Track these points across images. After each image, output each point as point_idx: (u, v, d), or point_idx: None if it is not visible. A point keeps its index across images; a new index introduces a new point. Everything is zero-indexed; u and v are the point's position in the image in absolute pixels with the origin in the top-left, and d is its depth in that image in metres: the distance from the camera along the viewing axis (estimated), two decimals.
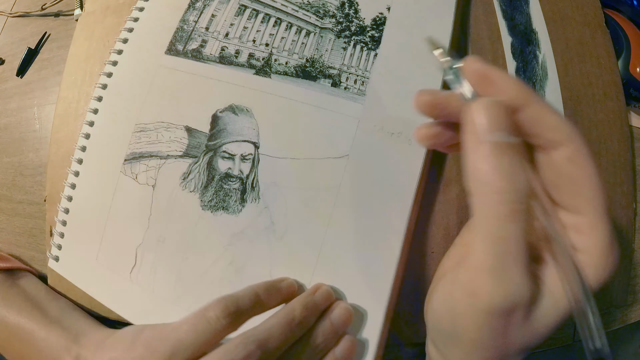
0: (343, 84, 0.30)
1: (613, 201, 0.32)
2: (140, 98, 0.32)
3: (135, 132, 0.32)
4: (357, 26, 0.31)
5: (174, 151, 0.31)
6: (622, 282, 0.31)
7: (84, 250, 0.32)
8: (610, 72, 0.34)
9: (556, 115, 0.18)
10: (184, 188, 0.31)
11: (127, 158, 0.32)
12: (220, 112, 0.31)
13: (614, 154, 0.32)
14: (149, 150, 0.31)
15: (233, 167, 0.30)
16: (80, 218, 0.33)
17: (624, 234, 0.32)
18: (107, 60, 0.33)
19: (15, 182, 0.36)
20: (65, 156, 0.34)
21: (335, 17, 0.31)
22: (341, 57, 0.31)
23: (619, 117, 0.33)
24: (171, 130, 0.31)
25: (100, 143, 0.33)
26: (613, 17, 0.36)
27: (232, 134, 0.30)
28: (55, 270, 0.33)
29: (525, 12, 0.34)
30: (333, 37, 0.31)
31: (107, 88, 0.33)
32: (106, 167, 0.32)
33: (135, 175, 0.31)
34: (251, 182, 0.30)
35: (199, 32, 0.32)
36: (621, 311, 0.32)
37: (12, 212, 0.36)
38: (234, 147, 0.30)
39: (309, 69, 0.31)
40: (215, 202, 0.30)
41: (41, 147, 0.36)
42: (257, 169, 0.30)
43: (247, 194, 0.30)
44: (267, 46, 0.31)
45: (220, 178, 0.30)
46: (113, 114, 0.33)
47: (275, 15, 0.32)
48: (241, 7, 0.32)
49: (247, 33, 0.32)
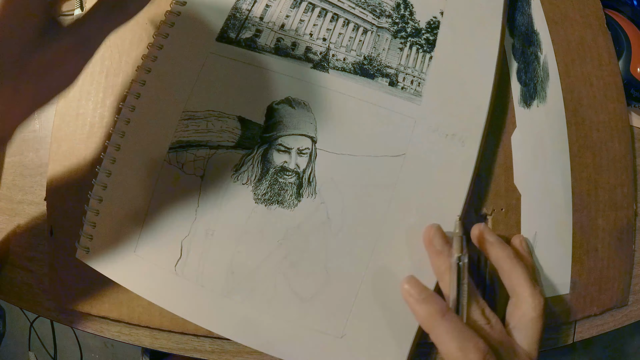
0: (400, 84, 0.31)
1: (614, 202, 0.33)
2: (188, 84, 0.31)
3: (183, 120, 0.30)
4: (413, 28, 0.32)
5: (225, 141, 0.30)
6: (623, 283, 0.33)
7: (119, 241, 0.31)
8: (612, 74, 0.34)
9: (521, 279, 0.28)
10: (235, 180, 0.30)
11: (172, 146, 0.30)
12: (276, 104, 0.30)
13: (615, 155, 0.33)
14: (198, 139, 0.30)
15: (289, 160, 0.30)
16: (116, 208, 0.31)
17: (625, 235, 0.33)
18: (153, 44, 0.32)
19: (15, 182, 0.35)
20: (67, 155, 0.33)
21: (391, 17, 0.32)
22: (398, 57, 0.31)
23: (620, 119, 0.34)
24: (223, 119, 0.30)
25: (142, 129, 0.31)
26: (613, 18, 0.36)
27: (289, 127, 0.30)
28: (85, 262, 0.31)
29: (527, 13, 0.34)
30: (390, 37, 0.32)
31: (151, 72, 0.31)
32: (148, 155, 0.31)
33: (181, 164, 0.30)
34: (308, 177, 0.30)
35: (253, 21, 0.32)
36: (622, 310, 0.33)
37: (12, 212, 0.35)
38: (291, 141, 0.30)
39: (367, 67, 0.31)
40: (270, 195, 0.29)
41: (41, 147, 0.35)
42: (314, 164, 0.30)
43: (303, 188, 0.29)
44: (325, 41, 0.31)
45: (275, 171, 0.30)
46: (157, 99, 0.31)
47: (331, 10, 0.32)
48: (297, 0, 0.32)
49: (303, 26, 0.32)
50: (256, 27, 0.31)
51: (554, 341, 0.32)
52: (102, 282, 0.31)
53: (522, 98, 0.33)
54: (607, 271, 0.33)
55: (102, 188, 0.31)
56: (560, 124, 0.33)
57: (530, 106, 0.33)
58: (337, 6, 0.32)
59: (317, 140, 0.30)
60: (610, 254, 0.33)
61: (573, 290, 0.32)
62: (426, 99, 0.30)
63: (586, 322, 0.33)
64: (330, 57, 0.31)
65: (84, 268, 0.31)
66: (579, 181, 0.32)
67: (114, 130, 0.31)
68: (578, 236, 0.32)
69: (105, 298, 0.32)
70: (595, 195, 0.33)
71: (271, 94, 0.30)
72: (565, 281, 0.32)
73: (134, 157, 0.31)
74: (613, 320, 0.33)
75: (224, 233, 0.29)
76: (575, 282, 0.32)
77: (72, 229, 0.32)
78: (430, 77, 0.31)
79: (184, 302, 0.29)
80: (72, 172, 0.33)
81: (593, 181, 0.33)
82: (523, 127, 0.32)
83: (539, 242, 0.32)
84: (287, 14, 0.32)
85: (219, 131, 0.30)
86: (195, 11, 0.32)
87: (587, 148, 0.33)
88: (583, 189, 0.33)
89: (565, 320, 0.32)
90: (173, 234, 0.30)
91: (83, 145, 0.33)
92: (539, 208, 0.32)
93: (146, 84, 0.31)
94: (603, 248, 0.32)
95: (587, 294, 0.32)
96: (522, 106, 0.33)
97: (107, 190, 0.31)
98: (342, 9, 0.32)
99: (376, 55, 0.31)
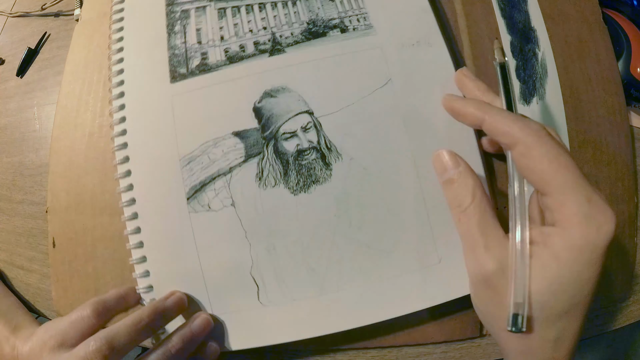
0: (350, 27, 0.32)
1: (615, 196, 0.32)
2: (170, 134, 0.30)
3: (184, 167, 0.30)
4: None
5: (234, 161, 0.30)
6: (626, 276, 0.32)
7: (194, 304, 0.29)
8: (610, 69, 0.34)
9: (506, 122, 0.23)
10: (264, 187, 0.29)
11: (189, 196, 0.29)
12: (258, 102, 0.30)
13: (615, 148, 0.33)
14: (208, 175, 0.30)
15: (301, 141, 0.30)
16: (170, 285, 0.29)
17: (626, 228, 0.32)
18: (113, 108, 0.31)
19: (15, 182, 0.36)
20: (67, 166, 0.33)
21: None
22: (334, 7, 0.32)
23: (619, 113, 0.33)
24: (220, 144, 0.30)
25: (151, 198, 0.30)
26: (613, 17, 0.35)
27: (281, 114, 0.30)
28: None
29: (524, 10, 0.34)
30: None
31: (127, 134, 0.30)
32: (171, 216, 0.29)
33: (207, 205, 0.29)
34: (325, 145, 0.30)
35: (194, 48, 0.32)
36: (622, 310, 0.32)
37: (12, 212, 0.35)
38: (291, 124, 0.30)
39: (315, 29, 0.32)
40: (303, 181, 0.29)
41: (41, 147, 0.36)
42: (323, 131, 0.30)
43: (327, 157, 0.29)
44: (266, 29, 0.32)
45: (294, 158, 0.29)
46: (150, 162, 0.30)
47: (255, 2, 0.33)
48: (220, 11, 0.33)
49: (240, 28, 0.32)
50: (200, 52, 0.32)
51: None
52: (105, 292, 0.29)
53: (521, 95, 0.32)
54: (610, 265, 0.32)
55: (144, 274, 0.29)
56: (560, 120, 0.32)
57: (530, 103, 0.32)
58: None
59: (312, 111, 0.30)
60: (612, 247, 0.32)
61: None
62: (378, 26, 0.32)
63: (586, 322, 0.32)
64: (279, 38, 0.32)
65: (87, 279, 0.31)
66: None
67: (124, 203, 0.30)
68: None
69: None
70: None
71: (249, 97, 0.30)
72: None
73: (159, 225, 0.29)
74: (613, 320, 0.32)
75: (283, 240, 0.29)
76: None
77: (73, 240, 0.32)
78: (370, 7, 0.32)
79: (288, 324, 0.28)
80: (72, 183, 0.33)
81: (594, 176, 0.32)
82: None
83: None
84: (219, 26, 0.32)
85: (223, 156, 0.30)
86: (136, 69, 0.32)
87: (587, 143, 0.32)
88: None
89: None
90: (238, 272, 0.29)
91: (82, 156, 0.33)
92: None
93: (128, 146, 0.30)
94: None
95: None
96: (522, 103, 0.32)
97: (150, 265, 0.29)
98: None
99: (315, 16, 0.32)
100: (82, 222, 0.32)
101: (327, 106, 0.30)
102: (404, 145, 0.29)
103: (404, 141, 0.29)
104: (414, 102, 0.30)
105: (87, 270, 0.31)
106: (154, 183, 0.30)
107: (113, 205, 0.31)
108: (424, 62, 0.31)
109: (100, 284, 0.31)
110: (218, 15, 0.33)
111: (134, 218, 0.30)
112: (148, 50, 0.32)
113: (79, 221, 0.32)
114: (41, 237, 0.34)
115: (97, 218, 0.32)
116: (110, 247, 0.31)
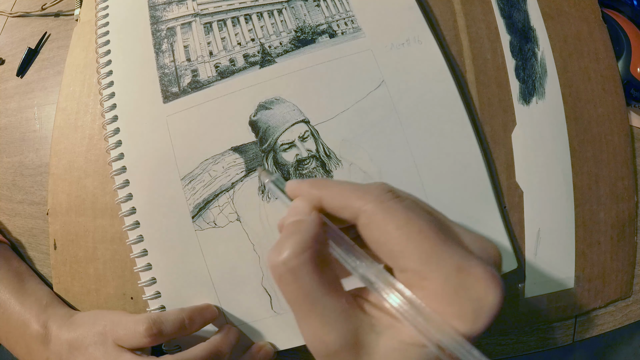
0: (338, 31, 0.32)
1: (615, 195, 0.32)
2: (168, 154, 0.30)
3: (186, 186, 0.30)
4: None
5: (235, 176, 0.30)
6: (627, 275, 0.32)
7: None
8: (609, 67, 0.33)
9: (344, 193, 0.19)
10: (268, 200, 0.29)
11: (193, 215, 0.30)
12: (253, 116, 0.30)
13: (615, 147, 0.33)
14: (211, 192, 0.30)
15: (299, 151, 0.30)
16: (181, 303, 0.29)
17: (626, 228, 0.32)
18: (107, 133, 0.31)
19: (15, 182, 0.36)
20: (67, 169, 0.33)
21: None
22: (321, 13, 0.32)
23: (619, 111, 0.33)
24: (220, 160, 0.30)
25: (156, 217, 0.30)
26: (613, 17, 0.35)
27: (278, 126, 0.30)
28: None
29: (523, 10, 0.34)
30: (302, 1, 0.33)
31: (124, 158, 0.30)
32: (178, 235, 0.30)
33: (213, 222, 0.29)
34: (324, 152, 0.30)
35: (183, 66, 0.32)
36: (622, 310, 0.32)
37: (12, 212, 0.35)
38: (288, 135, 0.30)
39: (303, 36, 0.32)
40: None
41: (41, 147, 0.36)
42: (321, 139, 0.30)
43: (327, 164, 0.30)
44: (254, 40, 0.32)
45: (294, 168, 0.30)
46: (152, 184, 0.30)
47: (241, 14, 0.33)
48: (207, 25, 0.33)
49: (228, 42, 0.32)
50: (190, 69, 0.32)
51: (553, 341, 0.32)
52: (105, 291, 0.30)
53: (521, 95, 0.32)
54: (611, 264, 0.32)
55: (154, 295, 0.29)
56: (560, 119, 0.32)
57: (530, 103, 0.32)
58: (243, 7, 0.33)
59: (308, 120, 0.30)
60: (612, 246, 0.32)
61: (577, 284, 0.31)
62: (366, 28, 0.32)
63: (586, 322, 0.32)
64: (269, 49, 0.32)
65: (88, 280, 0.32)
66: (580, 175, 0.32)
67: (127, 227, 0.30)
68: (580, 230, 0.31)
69: (111, 307, 0.32)
70: (597, 189, 0.32)
71: (244, 111, 0.30)
72: (570, 275, 0.31)
73: (166, 244, 0.30)
74: (613, 320, 0.32)
75: None
76: (579, 276, 0.31)
77: (74, 242, 0.32)
78: (356, 9, 0.32)
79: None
80: (72, 185, 0.33)
81: (594, 175, 0.32)
82: (523, 124, 0.32)
83: (543, 238, 0.31)
84: (207, 42, 0.32)
85: (224, 172, 0.30)
86: (129, 93, 0.32)
87: (587, 142, 0.32)
88: (584, 183, 0.32)
89: (571, 314, 0.32)
90: (250, 284, 0.29)
91: (82, 158, 0.33)
92: (541, 204, 0.31)
93: (127, 170, 0.30)
94: (605, 241, 0.32)
95: (591, 288, 0.31)
96: (522, 103, 0.32)
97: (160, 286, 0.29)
98: (249, 7, 0.33)
99: (303, 22, 0.32)
100: (82, 224, 0.32)
101: (323, 113, 0.30)
102: (403, 146, 0.30)
103: (403, 142, 0.30)
104: (409, 102, 0.30)
105: (88, 271, 0.32)
106: (157, 205, 0.30)
107: (113, 208, 0.31)
108: (415, 60, 0.31)
109: (101, 285, 0.31)
110: (204, 30, 0.32)
111: (140, 241, 0.30)
112: (138, 71, 0.32)
113: (80, 223, 0.32)
114: (41, 237, 0.34)
115: (98, 220, 0.32)
116: (111, 249, 0.31)
